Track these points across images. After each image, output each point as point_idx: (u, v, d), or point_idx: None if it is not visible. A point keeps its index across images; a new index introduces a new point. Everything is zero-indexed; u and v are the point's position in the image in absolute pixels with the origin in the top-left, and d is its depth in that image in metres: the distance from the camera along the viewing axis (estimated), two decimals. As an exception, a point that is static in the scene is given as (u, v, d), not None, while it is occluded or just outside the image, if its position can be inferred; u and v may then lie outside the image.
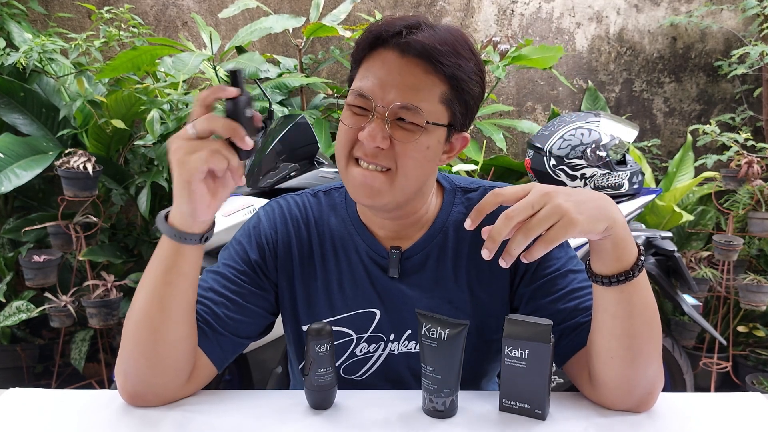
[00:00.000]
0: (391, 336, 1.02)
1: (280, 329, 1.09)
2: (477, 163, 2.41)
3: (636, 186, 2.18)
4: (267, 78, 2.48)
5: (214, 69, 2.36)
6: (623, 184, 2.15)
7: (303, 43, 2.70)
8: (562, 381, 2.20)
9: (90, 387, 2.66)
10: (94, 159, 2.38)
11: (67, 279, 2.64)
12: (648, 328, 0.85)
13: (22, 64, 2.37)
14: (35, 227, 2.53)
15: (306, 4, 2.98)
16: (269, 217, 1.06)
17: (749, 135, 2.69)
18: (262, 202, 1.88)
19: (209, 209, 0.84)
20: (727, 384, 2.88)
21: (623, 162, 2.17)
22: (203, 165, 0.78)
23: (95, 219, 2.52)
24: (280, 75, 2.58)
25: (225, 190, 0.84)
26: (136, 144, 2.65)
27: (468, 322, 0.86)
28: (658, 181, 3.10)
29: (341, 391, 0.93)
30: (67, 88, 2.63)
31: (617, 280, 0.82)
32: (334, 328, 1.01)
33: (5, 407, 0.90)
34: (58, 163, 2.36)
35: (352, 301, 1.02)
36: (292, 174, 2.02)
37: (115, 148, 2.70)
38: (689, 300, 2.23)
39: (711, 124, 2.74)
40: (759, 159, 2.60)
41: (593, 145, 2.11)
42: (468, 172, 2.22)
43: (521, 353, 0.86)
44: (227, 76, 0.77)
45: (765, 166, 2.64)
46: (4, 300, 2.52)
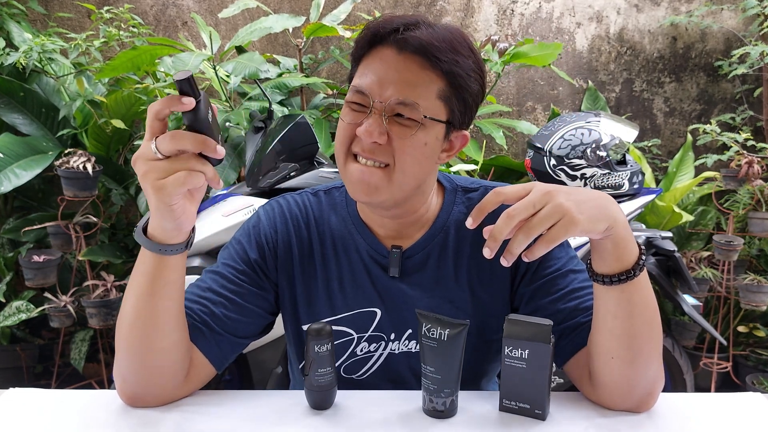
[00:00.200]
0: (392, 335, 1.02)
1: (280, 329, 1.09)
2: (477, 163, 2.41)
3: (636, 186, 2.18)
4: (267, 78, 2.48)
5: (214, 69, 2.36)
6: (623, 184, 2.15)
7: (303, 43, 2.70)
8: (562, 381, 2.20)
9: (90, 387, 2.66)
10: (93, 159, 2.38)
11: (67, 279, 2.64)
12: (648, 328, 0.85)
13: (21, 63, 2.37)
14: (35, 227, 2.53)
15: (306, 4, 2.98)
16: (269, 217, 1.05)
17: (749, 135, 2.69)
18: (262, 202, 1.88)
19: (191, 219, 0.83)
20: (728, 384, 2.88)
21: (623, 162, 2.17)
22: (182, 188, 0.75)
23: (95, 219, 2.52)
24: (280, 75, 2.58)
25: (200, 193, 0.83)
26: (135, 144, 2.65)
27: (468, 322, 0.86)
28: (658, 181, 3.10)
29: (341, 391, 0.93)
30: (67, 88, 2.63)
31: (618, 279, 0.81)
32: (334, 327, 1.01)
33: (5, 407, 0.90)
34: (57, 163, 2.36)
35: (352, 301, 1.02)
36: (292, 174, 2.02)
37: (115, 148, 2.70)
38: (689, 300, 2.23)
39: (711, 123, 2.74)
40: (759, 159, 2.60)
41: (593, 145, 2.11)
42: (468, 171, 2.22)
43: (521, 353, 0.86)
44: (177, 83, 0.72)
45: (765, 166, 2.64)
46: (3, 300, 2.52)
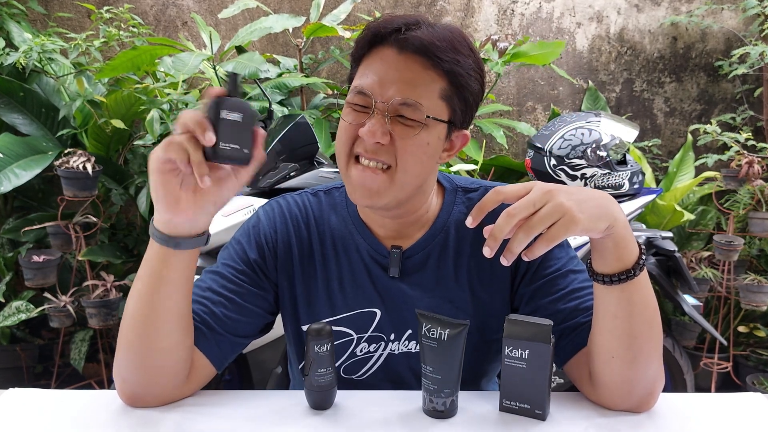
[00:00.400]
0: (392, 336, 1.02)
1: (279, 329, 1.09)
2: (477, 163, 2.41)
3: (636, 186, 2.18)
4: (267, 78, 2.48)
5: (213, 69, 2.36)
6: (624, 184, 2.15)
7: (303, 43, 2.70)
8: (562, 381, 2.19)
9: (89, 387, 2.66)
10: (93, 159, 2.38)
11: (67, 279, 2.64)
12: (648, 327, 0.85)
13: (21, 63, 2.37)
14: (35, 227, 2.53)
15: (306, 4, 2.98)
16: (269, 217, 1.05)
17: (750, 135, 2.69)
18: (261, 202, 1.88)
19: (187, 213, 0.82)
20: (728, 384, 2.88)
21: (624, 162, 2.17)
22: (162, 154, 0.77)
23: (95, 219, 2.52)
24: (280, 75, 2.58)
25: (201, 195, 0.82)
26: (135, 144, 2.65)
27: (468, 322, 0.86)
28: (658, 181, 3.10)
29: (341, 391, 0.93)
30: (67, 88, 2.63)
31: (618, 279, 0.81)
32: (334, 327, 1.01)
33: (5, 407, 0.90)
34: (57, 163, 2.36)
35: (352, 301, 1.02)
36: (292, 174, 2.02)
37: (115, 148, 2.70)
38: (690, 300, 2.23)
39: (711, 123, 2.74)
40: (759, 159, 2.60)
41: (594, 145, 2.11)
42: (468, 171, 2.21)
43: (521, 353, 0.86)
44: (226, 76, 0.75)
45: (765, 165, 2.64)
46: (3, 300, 2.52)
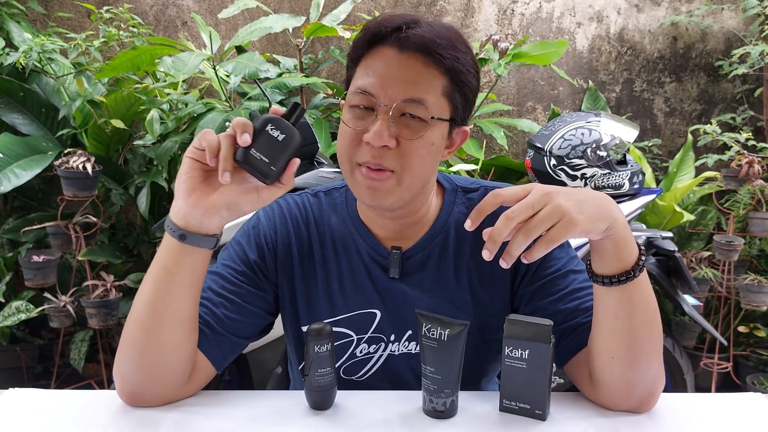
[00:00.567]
0: (392, 337, 1.02)
1: (279, 329, 1.09)
2: (477, 163, 2.41)
3: (636, 186, 2.17)
4: (267, 78, 2.48)
5: (213, 69, 2.36)
6: (624, 184, 2.14)
7: (303, 43, 2.70)
8: (562, 381, 2.19)
9: (89, 387, 2.65)
10: (93, 159, 2.38)
11: (67, 279, 2.63)
12: (649, 328, 0.85)
13: (21, 63, 2.37)
14: (35, 227, 2.53)
15: (306, 3, 2.98)
16: (269, 218, 1.05)
17: (750, 135, 2.69)
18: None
19: (203, 207, 0.83)
20: (728, 384, 2.87)
21: (624, 162, 2.17)
22: (197, 141, 0.82)
23: (95, 219, 2.52)
24: (280, 75, 2.58)
25: (222, 193, 0.83)
26: (135, 144, 2.65)
27: (468, 322, 0.86)
28: (658, 181, 3.10)
29: (341, 392, 0.93)
30: (67, 88, 2.63)
31: (618, 280, 0.81)
32: (334, 328, 1.01)
33: (5, 407, 0.90)
34: (57, 163, 2.36)
35: (352, 301, 1.02)
36: (291, 174, 2.02)
37: (115, 148, 2.70)
38: (690, 300, 2.23)
39: (712, 123, 2.74)
40: (760, 159, 2.60)
41: (594, 145, 2.11)
42: (468, 171, 2.21)
43: (521, 353, 0.86)
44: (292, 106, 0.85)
45: (766, 165, 2.64)
46: (3, 300, 2.52)
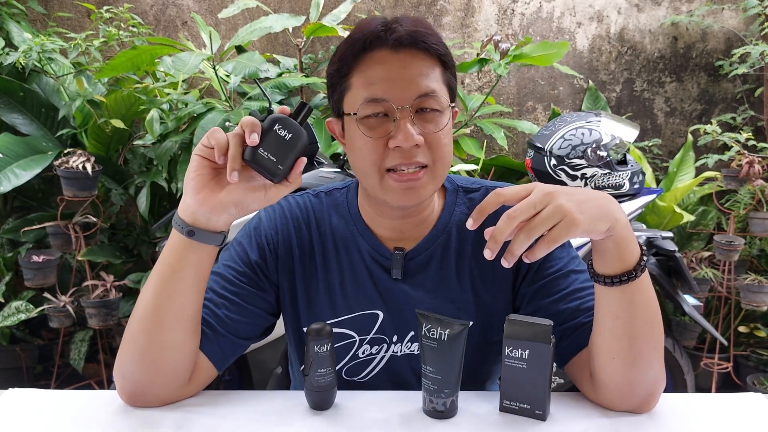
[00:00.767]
0: (394, 338, 1.02)
1: (279, 329, 1.08)
2: (477, 162, 2.40)
3: (637, 186, 2.17)
4: (267, 78, 2.48)
5: (213, 69, 2.36)
6: (624, 184, 2.14)
7: (303, 43, 2.70)
8: (562, 381, 2.19)
9: (89, 387, 2.65)
10: (93, 159, 2.38)
11: (67, 279, 2.63)
12: (650, 328, 0.85)
13: (21, 63, 2.37)
14: (34, 227, 2.53)
15: (306, 3, 2.98)
16: (270, 218, 1.05)
17: (750, 135, 2.69)
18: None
19: (209, 205, 0.84)
20: (728, 384, 2.87)
21: (624, 162, 2.17)
22: (206, 139, 0.83)
23: (94, 219, 2.52)
24: (279, 75, 2.58)
25: (228, 191, 0.84)
26: (135, 144, 2.64)
27: (468, 322, 0.86)
28: (658, 181, 3.10)
29: (341, 392, 0.93)
30: (67, 87, 2.63)
31: (619, 280, 0.81)
32: (336, 329, 1.01)
33: (5, 408, 0.90)
34: (57, 163, 2.36)
35: (354, 302, 1.02)
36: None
37: (115, 147, 2.69)
38: (690, 300, 2.22)
39: (712, 123, 2.74)
40: (760, 159, 2.60)
41: (594, 145, 2.11)
42: (468, 171, 2.21)
43: (522, 354, 0.86)
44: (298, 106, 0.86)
45: (766, 165, 2.63)
46: (3, 300, 2.52)
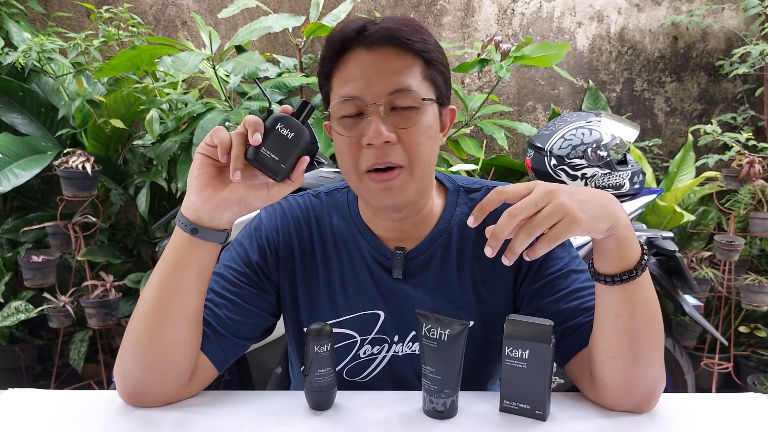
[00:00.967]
0: (395, 338, 1.02)
1: (279, 330, 1.08)
2: (477, 162, 2.40)
3: (637, 186, 2.17)
4: (267, 77, 2.48)
5: (213, 69, 2.36)
6: (624, 184, 2.14)
7: (303, 43, 2.70)
8: (563, 381, 2.19)
9: (89, 387, 2.65)
10: (93, 159, 2.37)
11: (66, 279, 2.63)
12: (650, 328, 0.85)
13: (20, 63, 2.37)
14: (34, 227, 2.53)
15: (306, 3, 2.97)
16: (271, 218, 1.05)
17: (750, 135, 2.69)
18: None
19: (212, 203, 0.85)
20: (729, 384, 2.87)
21: (624, 162, 2.17)
22: (209, 138, 0.83)
23: (94, 219, 2.51)
24: (279, 74, 2.58)
25: (232, 189, 0.85)
26: (135, 144, 2.64)
27: (469, 322, 0.86)
28: (659, 181, 3.10)
29: (341, 392, 0.93)
30: (66, 87, 2.63)
31: (620, 279, 0.81)
32: (337, 329, 1.01)
33: (4, 408, 0.90)
34: (56, 163, 2.36)
35: (355, 302, 1.02)
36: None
37: (114, 147, 2.69)
38: (690, 300, 2.22)
39: (712, 123, 2.74)
40: (760, 159, 2.60)
41: (594, 145, 2.11)
42: (468, 171, 2.21)
43: (522, 354, 0.85)
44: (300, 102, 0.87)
45: (766, 165, 2.63)
46: (2, 300, 2.52)
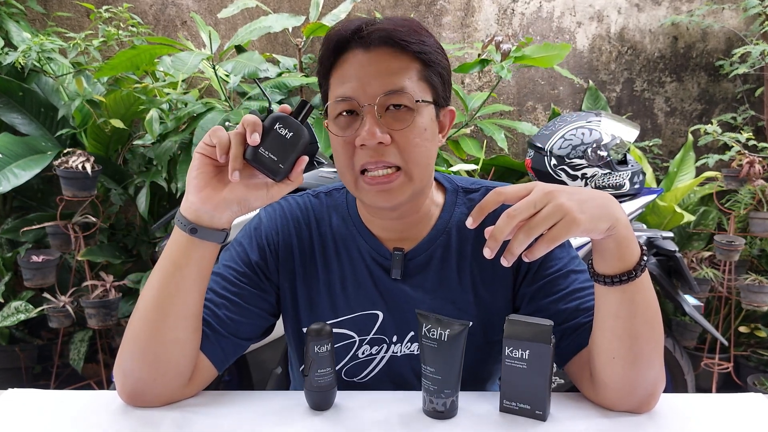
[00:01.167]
0: (394, 338, 1.02)
1: (279, 330, 1.08)
2: (477, 162, 2.40)
3: (637, 186, 2.17)
4: (266, 77, 2.48)
5: (213, 68, 2.36)
6: (624, 184, 2.14)
7: (303, 43, 2.70)
8: (563, 382, 2.19)
9: (89, 388, 2.65)
10: (92, 159, 2.37)
11: (66, 279, 2.63)
12: (650, 328, 0.85)
13: (20, 63, 2.37)
14: (34, 227, 2.53)
15: (305, 3, 2.97)
16: (271, 218, 1.05)
17: (751, 135, 2.69)
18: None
19: (212, 204, 0.84)
20: (729, 385, 2.87)
21: (624, 162, 2.16)
22: (208, 138, 0.83)
23: (94, 219, 2.51)
24: (279, 74, 2.58)
25: (231, 189, 0.85)
26: (135, 144, 2.64)
27: (468, 322, 0.86)
28: (659, 181, 3.10)
29: (341, 392, 0.93)
30: (66, 87, 2.63)
31: (620, 279, 0.81)
32: (336, 330, 1.01)
33: (4, 408, 0.90)
34: (56, 163, 2.36)
35: (354, 302, 1.02)
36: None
37: (114, 147, 2.69)
38: (690, 300, 2.22)
39: (712, 123, 2.74)
40: (760, 159, 2.60)
41: (594, 145, 2.10)
42: (468, 171, 2.21)
43: (522, 354, 0.85)
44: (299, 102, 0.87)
45: (766, 165, 2.63)
46: (2, 300, 2.52)
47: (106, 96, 2.45)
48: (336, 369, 0.91)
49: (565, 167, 2.13)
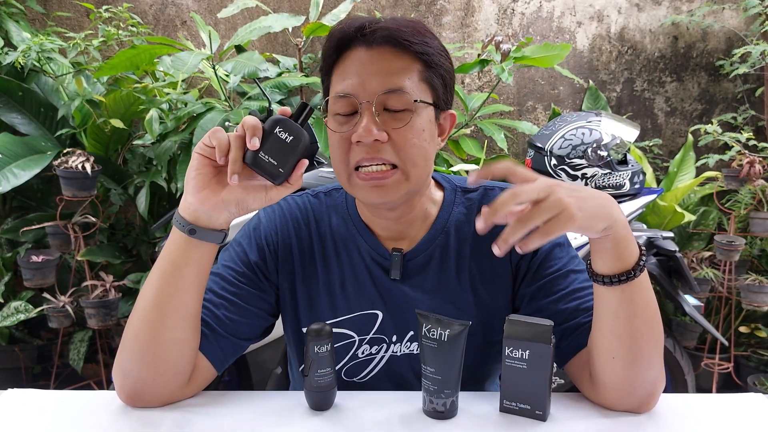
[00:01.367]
0: (393, 338, 1.02)
1: (278, 330, 1.08)
2: (478, 162, 2.40)
3: (637, 186, 2.17)
4: (266, 77, 2.47)
5: (213, 68, 2.36)
6: (624, 183, 2.14)
7: (303, 43, 2.70)
8: (563, 382, 2.19)
9: (89, 388, 2.65)
10: (92, 159, 2.37)
11: (66, 279, 2.63)
12: (649, 328, 0.85)
13: (20, 63, 2.36)
14: (34, 227, 2.53)
15: (305, 3, 2.97)
16: (270, 219, 1.05)
17: (751, 135, 2.69)
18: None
19: (210, 205, 0.84)
20: (729, 385, 2.87)
21: (624, 162, 2.17)
22: (207, 139, 0.83)
23: (94, 219, 2.51)
24: (279, 74, 2.58)
25: (229, 190, 0.85)
26: (134, 144, 2.64)
27: (468, 322, 0.86)
28: (659, 181, 3.09)
29: (341, 392, 0.93)
30: (66, 87, 2.62)
31: (618, 279, 0.81)
32: (335, 329, 1.01)
33: (4, 408, 0.89)
34: (56, 163, 2.36)
35: (354, 302, 1.02)
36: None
37: (114, 147, 2.69)
38: (691, 300, 2.22)
39: (712, 123, 2.74)
40: (761, 159, 2.59)
41: (594, 145, 2.10)
42: (468, 172, 2.21)
43: (522, 354, 0.85)
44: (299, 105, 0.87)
45: (766, 165, 2.63)
46: (2, 300, 2.52)
47: (105, 96, 2.45)
48: (336, 369, 0.91)
49: (566, 167, 2.13)
